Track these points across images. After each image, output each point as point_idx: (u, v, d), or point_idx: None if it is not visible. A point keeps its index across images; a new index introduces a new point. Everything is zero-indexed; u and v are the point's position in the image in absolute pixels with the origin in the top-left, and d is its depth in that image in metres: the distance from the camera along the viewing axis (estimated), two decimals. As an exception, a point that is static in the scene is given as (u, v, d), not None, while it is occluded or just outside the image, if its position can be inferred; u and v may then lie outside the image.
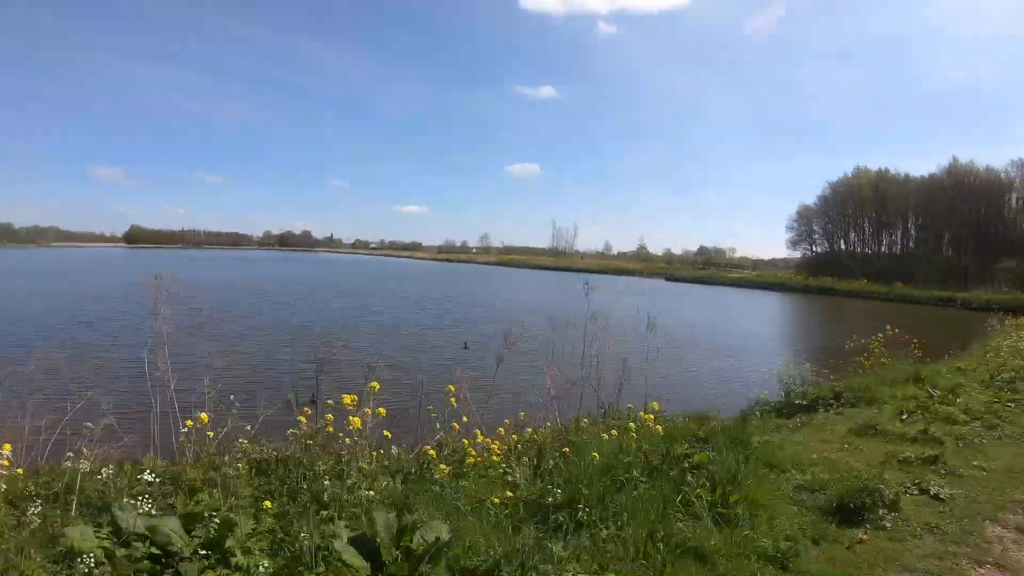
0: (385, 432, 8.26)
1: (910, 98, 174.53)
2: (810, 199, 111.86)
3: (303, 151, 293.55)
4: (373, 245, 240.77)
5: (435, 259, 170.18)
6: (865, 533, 6.75)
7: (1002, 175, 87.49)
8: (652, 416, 9.77)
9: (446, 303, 49.06)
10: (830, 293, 78.69)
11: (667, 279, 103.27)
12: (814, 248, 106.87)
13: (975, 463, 9.21)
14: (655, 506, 6.41)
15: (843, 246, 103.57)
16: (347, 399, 7.41)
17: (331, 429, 7.46)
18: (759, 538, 6.25)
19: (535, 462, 7.96)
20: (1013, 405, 12.81)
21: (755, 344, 32.79)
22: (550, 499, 6.47)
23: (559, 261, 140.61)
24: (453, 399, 8.96)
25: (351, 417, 7.22)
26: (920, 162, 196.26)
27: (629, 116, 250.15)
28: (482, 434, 8.56)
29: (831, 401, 13.17)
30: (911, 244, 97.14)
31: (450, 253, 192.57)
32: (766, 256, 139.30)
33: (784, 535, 6.45)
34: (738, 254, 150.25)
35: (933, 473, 8.70)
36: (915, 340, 17.01)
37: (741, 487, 6.99)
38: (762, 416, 12.79)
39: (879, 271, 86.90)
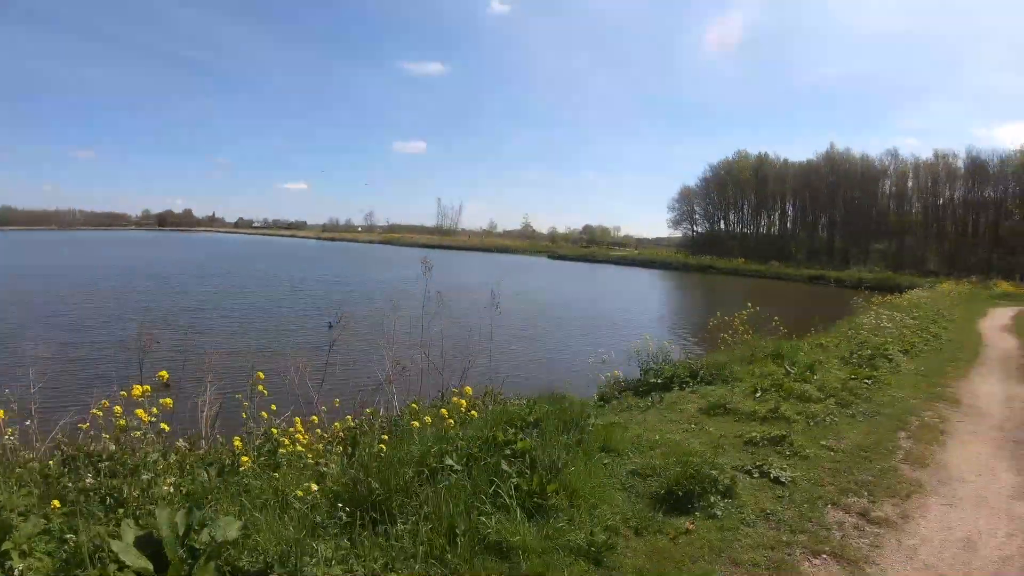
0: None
1: (791, 89, 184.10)
2: (693, 181, 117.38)
3: (187, 127, 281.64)
4: (257, 224, 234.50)
5: (319, 238, 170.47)
6: (692, 522, 6.47)
7: (876, 163, 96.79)
8: (465, 401, 9.14)
9: (317, 283, 47.83)
10: (710, 271, 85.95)
11: (550, 257, 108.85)
12: (695, 228, 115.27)
13: (823, 443, 9.33)
14: (464, 498, 6.12)
15: (723, 226, 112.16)
16: (137, 390, 6.61)
17: (123, 422, 6.56)
18: (574, 530, 5.93)
19: (350, 451, 7.71)
20: (870, 382, 13.33)
21: (630, 320, 33.13)
22: (358, 490, 6.16)
23: (443, 239, 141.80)
24: (262, 387, 8.20)
25: (137, 410, 6.52)
26: (800, 149, 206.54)
27: (517, 95, 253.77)
28: (301, 423, 8.25)
29: (687, 379, 13.07)
30: (788, 225, 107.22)
31: (334, 232, 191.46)
32: (650, 235, 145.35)
33: (605, 526, 6.15)
34: (623, 233, 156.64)
35: (778, 454, 8.72)
36: (776, 317, 17.13)
37: (561, 475, 6.74)
38: (622, 395, 12.39)
39: (757, 250, 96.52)
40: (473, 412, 8.95)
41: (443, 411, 8.80)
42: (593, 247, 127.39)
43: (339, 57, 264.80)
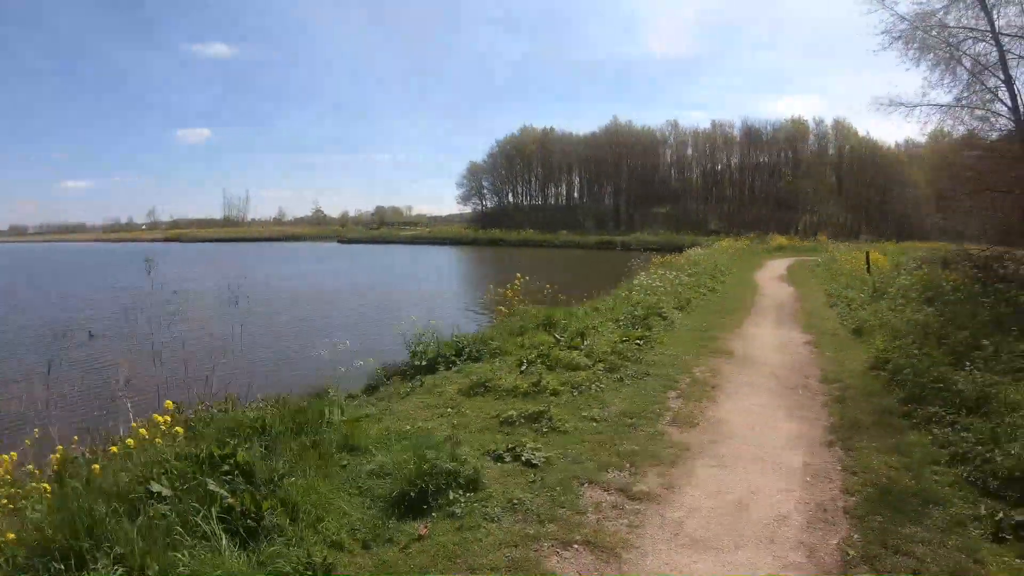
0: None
1: (578, 65, 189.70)
2: (481, 157, 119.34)
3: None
4: (32, 230, 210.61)
5: (99, 240, 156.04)
6: (426, 526, 5.77)
7: (657, 133, 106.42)
8: (167, 418, 7.88)
9: (85, 291, 43.75)
10: (500, 244, 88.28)
11: (340, 242, 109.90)
12: (484, 203, 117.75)
13: (586, 414, 8.88)
14: (163, 530, 5.33)
15: (512, 200, 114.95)
16: None
17: None
18: (292, 552, 5.20)
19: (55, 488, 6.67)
20: (642, 343, 13.26)
21: (415, 300, 32.19)
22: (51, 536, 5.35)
23: (233, 232, 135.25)
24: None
25: None
26: (588, 124, 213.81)
27: (307, 76, 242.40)
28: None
29: (453, 358, 12.25)
30: (576, 195, 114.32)
31: (116, 232, 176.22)
32: (443, 213, 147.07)
33: (329, 542, 5.52)
34: (415, 212, 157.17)
35: (535, 433, 8.17)
36: (549, 285, 16.84)
37: (281, 488, 6.08)
38: (391, 381, 11.51)
39: (546, 221, 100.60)
40: (178, 428, 7.72)
41: (142, 431, 7.53)
42: (383, 228, 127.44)
43: (113, 39, 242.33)
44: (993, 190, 23.11)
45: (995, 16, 20.48)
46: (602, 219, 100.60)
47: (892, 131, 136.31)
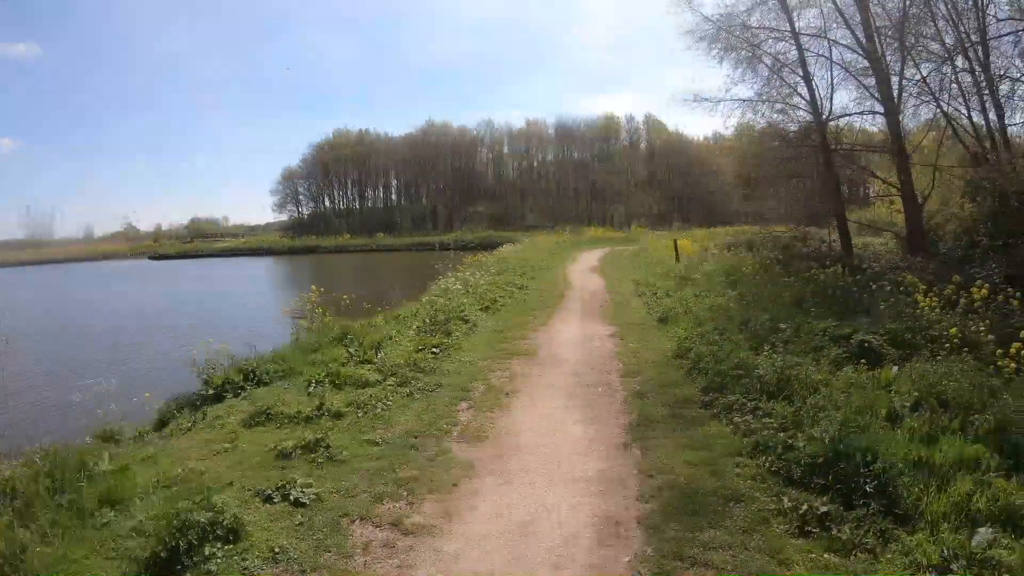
0: None
1: (400, 68, 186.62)
2: (296, 162, 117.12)
3: None
4: None
5: None
6: None
7: (473, 132, 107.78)
8: None
9: None
10: (316, 251, 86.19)
11: (151, 258, 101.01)
12: (300, 209, 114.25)
13: (368, 437, 8.31)
14: None
15: (328, 204, 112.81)
16: None
17: None
18: None
19: None
20: (439, 351, 12.77)
21: (212, 320, 30.32)
22: None
23: (35, 254, 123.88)
24: None
25: None
26: (406, 126, 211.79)
27: (123, 79, 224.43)
28: None
29: (241, 383, 11.28)
30: (394, 197, 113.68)
31: None
32: (261, 222, 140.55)
33: None
34: (232, 222, 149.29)
35: (310, 465, 7.51)
36: (346, 296, 16.10)
37: (26, 563, 5.42)
38: (181, 413, 10.42)
39: (364, 225, 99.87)
40: None
41: None
42: (198, 241, 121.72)
43: None
44: (794, 176, 24.75)
45: (795, 18, 22.27)
46: (420, 220, 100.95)
47: (701, 124, 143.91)
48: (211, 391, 11.50)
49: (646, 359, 12.11)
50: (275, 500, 6.53)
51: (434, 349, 12.62)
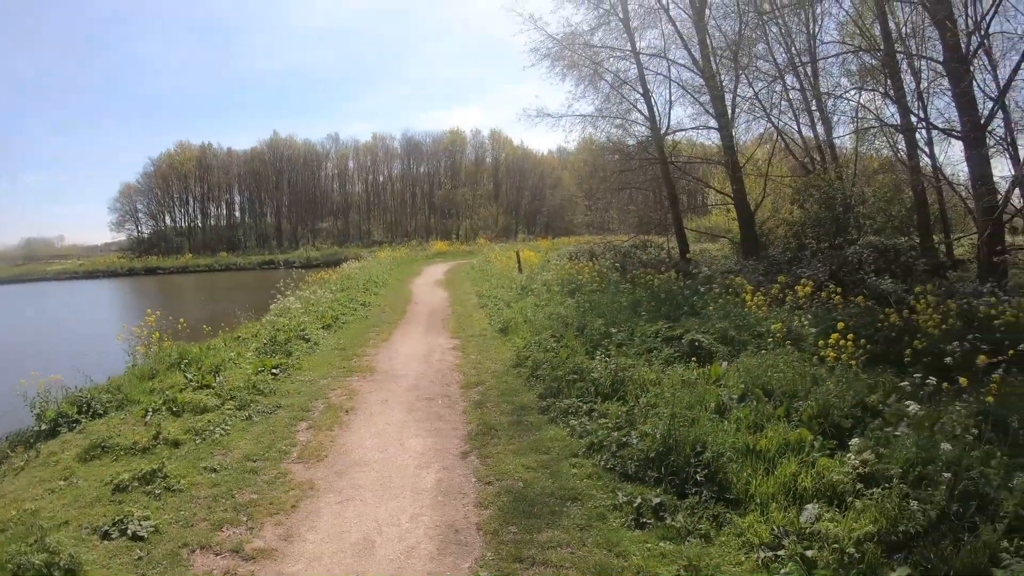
0: None
1: (244, 79, 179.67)
2: (135, 177, 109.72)
3: None
4: None
5: None
6: None
7: (319, 147, 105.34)
8: None
9: None
10: (157, 272, 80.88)
11: None
12: (140, 228, 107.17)
13: (206, 464, 8.01)
14: None
15: (170, 222, 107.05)
16: None
17: None
18: None
19: None
20: (279, 371, 12.51)
21: (50, 350, 28.35)
22: None
23: None
24: None
25: None
26: (248, 139, 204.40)
27: None
28: None
29: (75, 416, 10.68)
30: (237, 214, 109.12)
31: None
32: (100, 242, 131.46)
33: None
34: (68, 243, 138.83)
35: (148, 496, 7.18)
36: (183, 319, 15.51)
37: None
38: (12, 453, 9.84)
39: (207, 243, 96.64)
40: None
41: None
42: (30, 264, 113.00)
43: None
44: (633, 188, 25.76)
45: (637, 38, 23.59)
46: (265, 237, 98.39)
47: (546, 139, 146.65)
48: (44, 426, 10.85)
49: (487, 369, 12.32)
50: (113, 536, 6.21)
51: (274, 370, 12.37)
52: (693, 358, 10.33)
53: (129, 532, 6.24)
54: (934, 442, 6.33)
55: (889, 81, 20.21)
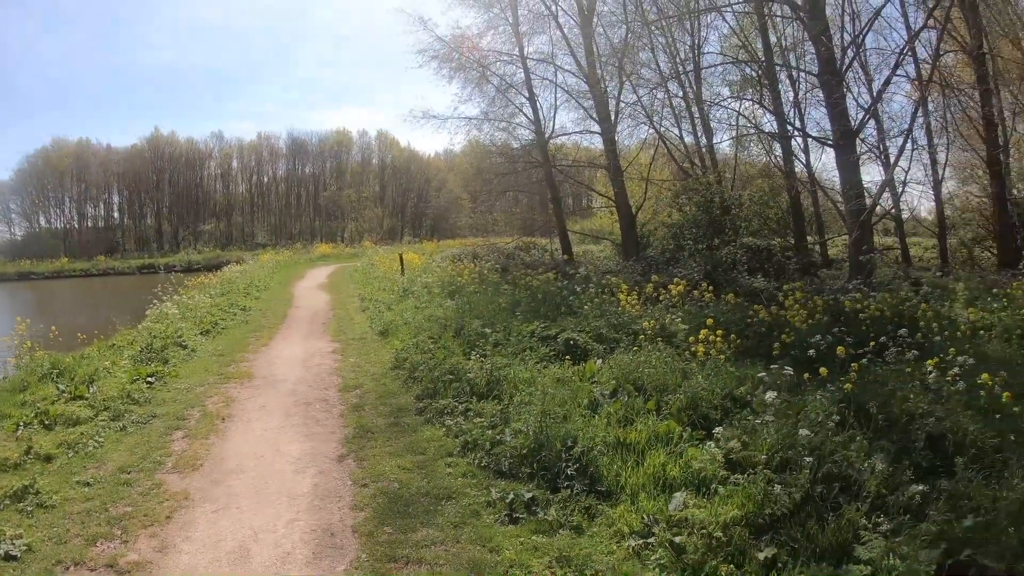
0: None
1: (122, 71, 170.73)
2: (7, 175, 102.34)
3: None
4: None
5: None
6: None
7: (201, 146, 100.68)
8: None
9: None
10: (30, 278, 74.73)
11: None
12: (13, 230, 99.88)
13: (79, 477, 7.72)
14: None
15: (45, 223, 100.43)
16: None
17: None
18: None
19: None
20: (154, 380, 12.13)
21: None
22: None
23: None
24: None
25: None
26: (127, 136, 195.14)
27: None
28: None
29: (-59, 436, 10.16)
30: (116, 215, 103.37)
31: None
32: None
33: None
34: None
35: (20, 514, 6.84)
36: (55, 328, 14.87)
37: None
38: None
39: (84, 246, 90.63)
40: None
41: None
42: None
43: None
44: (517, 191, 26.13)
45: (525, 43, 24.45)
46: (145, 240, 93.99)
47: (433, 140, 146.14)
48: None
49: (366, 372, 12.35)
50: (-13, 558, 6.02)
51: (149, 378, 12.01)
52: (568, 356, 10.61)
53: (1, 552, 6.05)
54: (797, 429, 6.70)
55: (767, 92, 21.32)
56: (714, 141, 23.87)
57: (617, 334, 11.56)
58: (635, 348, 10.32)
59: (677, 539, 5.41)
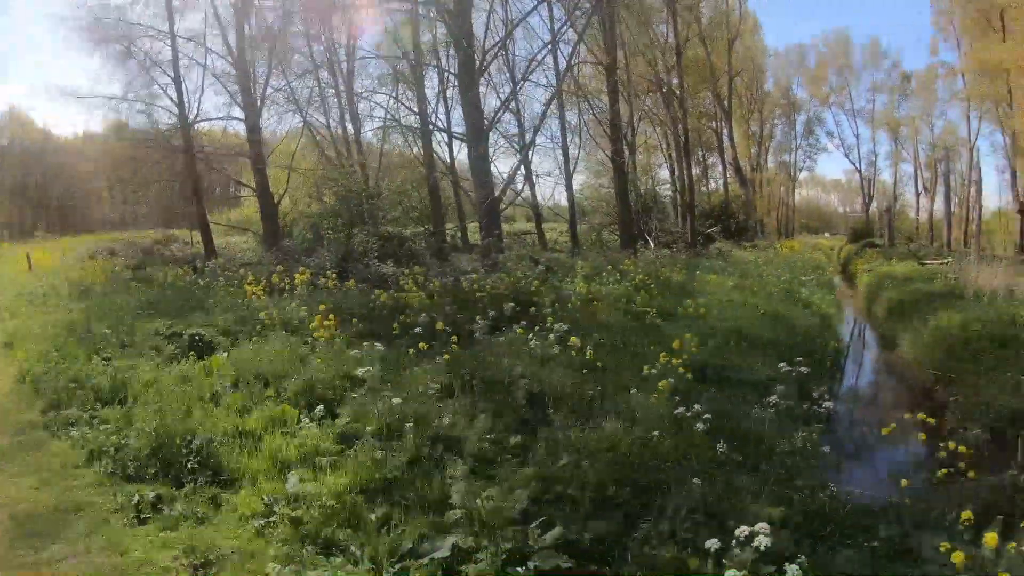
0: None
1: None
2: None
3: None
4: None
5: None
6: None
7: None
8: None
9: None
10: None
11: None
12: None
13: None
14: None
15: None
16: None
17: None
18: None
19: None
20: None
21: None
22: None
23: None
24: None
25: None
26: None
27: None
28: None
29: None
30: None
31: None
32: None
33: None
34: None
35: None
36: None
37: None
38: None
39: None
40: None
41: None
42: None
43: None
44: (158, 180, 24.65)
45: (177, 19, 22.52)
46: None
47: (75, 122, 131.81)
48: None
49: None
50: None
51: None
52: (192, 352, 10.61)
53: None
54: (406, 400, 7.54)
55: (413, 87, 22.44)
56: (362, 132, 24.58)
57: (243, 326, 11.75)
58: (258, 339, 10.66)
59: (296, 513, 5.82)
